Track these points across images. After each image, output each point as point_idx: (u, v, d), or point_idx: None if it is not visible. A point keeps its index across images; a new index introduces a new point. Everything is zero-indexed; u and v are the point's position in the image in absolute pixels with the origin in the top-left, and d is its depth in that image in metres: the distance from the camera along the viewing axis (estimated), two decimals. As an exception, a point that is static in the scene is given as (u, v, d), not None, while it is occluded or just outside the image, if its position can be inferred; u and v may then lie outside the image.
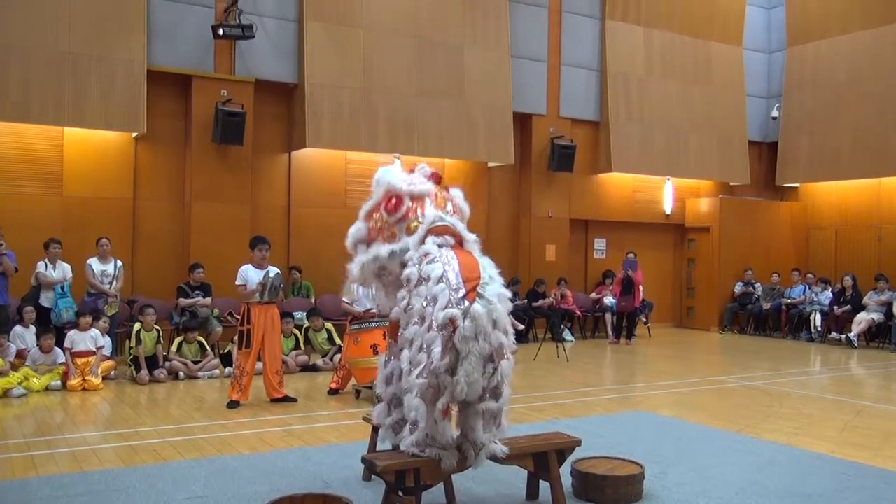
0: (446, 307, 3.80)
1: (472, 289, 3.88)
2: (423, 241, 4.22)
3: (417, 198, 4.44)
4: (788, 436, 6.49)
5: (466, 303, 3.81)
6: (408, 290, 4.11)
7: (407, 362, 3.93)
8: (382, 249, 4.33)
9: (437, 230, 4.25)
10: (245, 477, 5.04)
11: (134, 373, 8.78)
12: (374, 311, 8.14)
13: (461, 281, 3.91)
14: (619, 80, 14.60)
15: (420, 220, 4.38)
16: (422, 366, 3.82)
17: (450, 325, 3.76)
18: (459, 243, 4.29)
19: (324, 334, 10.03)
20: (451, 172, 13.19)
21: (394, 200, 4.42)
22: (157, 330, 9.11)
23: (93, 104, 10.08)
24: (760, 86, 16.76)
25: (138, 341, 8.83)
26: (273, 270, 7.61)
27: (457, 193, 4.69)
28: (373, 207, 4.55)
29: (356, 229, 4.61)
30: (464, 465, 4.06)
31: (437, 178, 4.64)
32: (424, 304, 3.93)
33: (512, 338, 3.98)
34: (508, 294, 4.03)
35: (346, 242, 4.65)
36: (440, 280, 3.92)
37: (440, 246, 4.16)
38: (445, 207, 4.51)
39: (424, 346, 3.84)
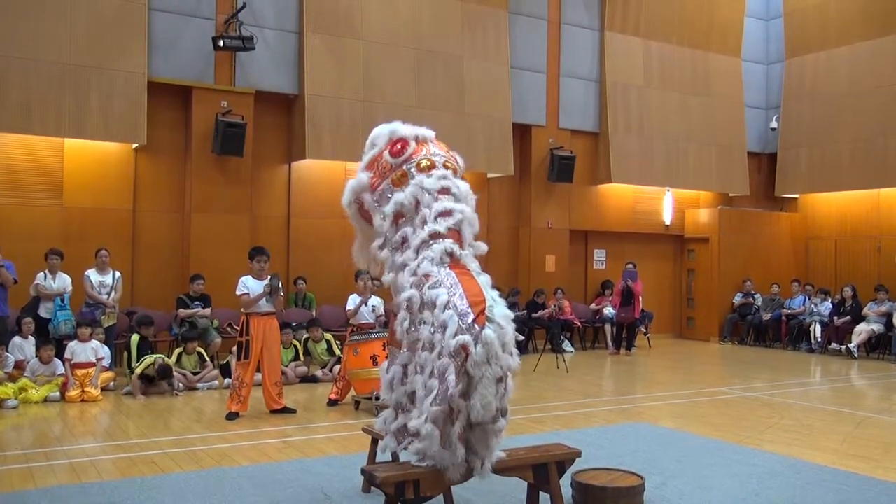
0: (456, 334, 3.78)
1: (481, 312, 3.86)
2: (417, 250, 4.20)
3: (422, 140, 4.48)
4: (789, 447, 6.48)
5: (477, 328, 3.79)
6: (409, 312, 4.07)
7: (422, 387, 3.92)
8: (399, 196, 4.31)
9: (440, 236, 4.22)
10: (244, 489, 5.03)
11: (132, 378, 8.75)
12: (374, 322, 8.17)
13: (468, 305, 3.89)
14: (619, 91, 14.64)
15: (430, 157, 4.35)
16: (434, 392, 3.80)
17: (462, 351, 3.74)
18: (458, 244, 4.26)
19: (323, 345, 10.02)
20: (451, 183, 13.22)
21: (399, 144, 4.43)
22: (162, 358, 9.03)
23: (93, 115, 10.11)
24: (759, 97, 16.81)
25: (139, 357, 8.77)
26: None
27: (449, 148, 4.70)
28: (375, 157, 4.53)
29: (356, 181, 4.58)
30: (468, 477, 4.04)
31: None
32: (432, 331, 3.90)
33: (517, 358, 3.97)
34: (511, 315, 4.02)
35: (343, 199, 4.60)
36: (447, 307, 3.89)
37: (441, 262, 4.13)
38: (449, 152, 4.55)
39: (436, 372, 3.82)
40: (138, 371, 8.61)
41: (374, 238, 4.52)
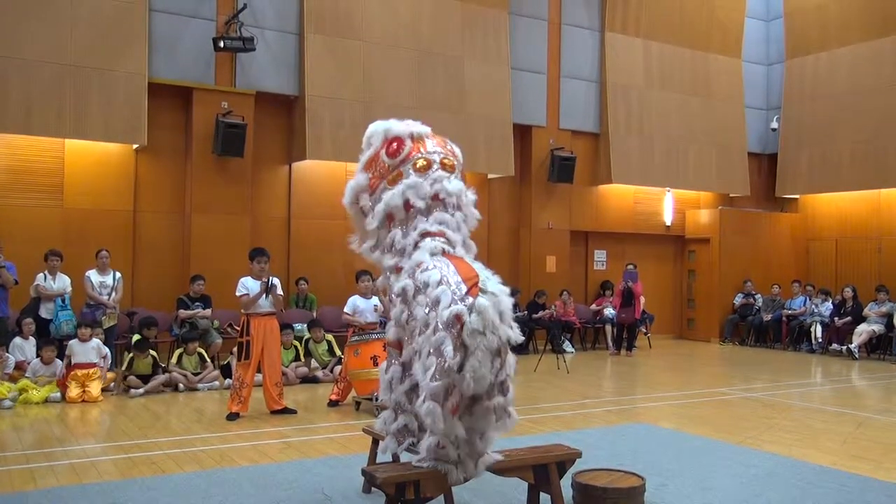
0: (450, 305, 3.73)
1: (474, 285, 3.81)
2: (416, 246, 4.20)
3: (418, 138, 4.45)
4: (789, 448, 6.47)
5: (470, 298, 3.73)
6: (405, 302, 4.05)
7: (421, 370, 3.82)
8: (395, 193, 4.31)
9: (431, 234, 4.24)
10: (244, 489, 5.03)
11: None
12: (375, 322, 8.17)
13: (461, 280, 3.85)
14: (619, 92, 14.64)
15: (427, 157, 4.35)
16: (433, 368, 3.72)
17: (456, 321, 3.67)
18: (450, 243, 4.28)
19: (324, 346, 10.01)
20: (452, 184, 13.23)
21: (395, 144, 4.41)
22: (153, 355, 9.02)
23: (94, 116, 10.12)
24: (759, 98, 16.82)
25: (130, 365, 8.81)
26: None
27: (448, 140, 4.69)
28: (372, 157, 4.51)
29: (355, 182, 4.57)
30: (469, 477, 4.03)
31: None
32: (427, 310, 3.84)
33: (517, 331, 3.87)
34: (507, 289, 3.96)
35: (344, 199, 4.60)
36: (440, 283, 3.85)
37: (432, 255, 4.13)
38: (446, 147, 4.53)
39: (432, 349, 3.75)
40: (125, 366, 8.81)
41: (365, 238, 4.53)
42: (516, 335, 3.84)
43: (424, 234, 4.23)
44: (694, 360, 13.19)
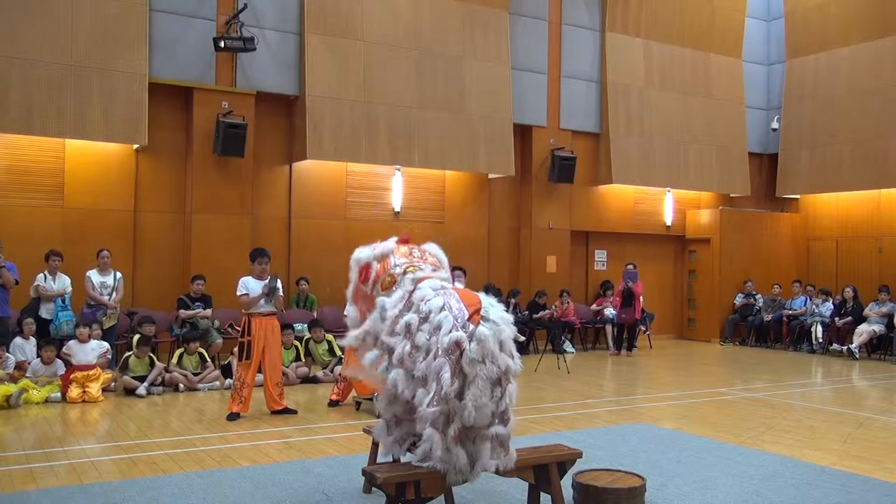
0: (451, 331, 3.75)
1: (476, 311, 3.84)
2: (410, 295, 4.18)
3: (382, 259, 4.49)
4: (790, 448, 6.47)
5: (471, 325, 3.76)
6: (409, 334, 3.99)
7: (423, 396, 3.83)
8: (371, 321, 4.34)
9: (421, 280, 4.25)
10: (245, 489, 5.03)
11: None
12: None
13: (463, 306, 3.88)
14: (619, 92, 14.64)
15: (389, 273, 4.38)
16: (431, 394, 3.75)
17: (455, 348, 3.70)
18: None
19: (325, 346, 10.01)
20: (452, 184, 13.23)
21: (364, 272, 4.50)
22: (151, 356, 9.00)
23: (94, 116, 10.12)
24: (760, 97, 16.81)
25: (125, 365, 8.81)
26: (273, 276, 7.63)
27: (431, 247, 4.68)
28: (354, 289, 4.60)
29: (350, 316, 4.62)
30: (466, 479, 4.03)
31: (404, 240, 4.68)
32: (428, 337, 3.87)
33: (518, 361, 3.90)
34: (511, 318, 3.97)
35: (347, 321, 4.66)
36: (442, 309, 3.88)
37: (433, 289, 4.12)
38: (411, 255, 4.50)
39: (433, 374, 3.78)
40: (119, 365, 8.82)
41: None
42: (516, 365, 3.86)
43: (418, 281, 4.24)
44: (694, 360, 13.18)
